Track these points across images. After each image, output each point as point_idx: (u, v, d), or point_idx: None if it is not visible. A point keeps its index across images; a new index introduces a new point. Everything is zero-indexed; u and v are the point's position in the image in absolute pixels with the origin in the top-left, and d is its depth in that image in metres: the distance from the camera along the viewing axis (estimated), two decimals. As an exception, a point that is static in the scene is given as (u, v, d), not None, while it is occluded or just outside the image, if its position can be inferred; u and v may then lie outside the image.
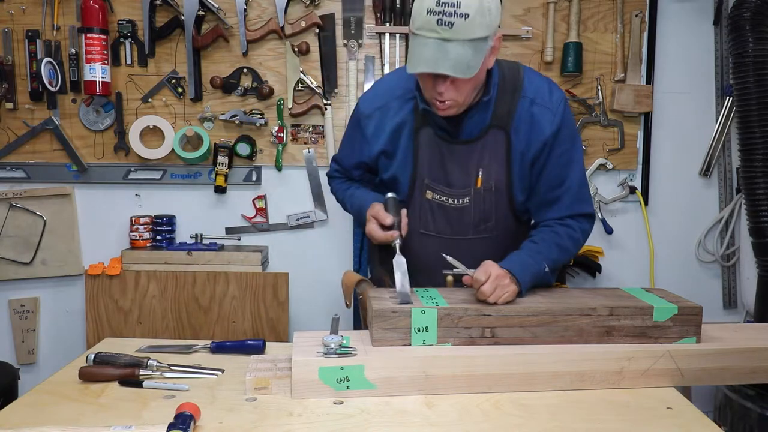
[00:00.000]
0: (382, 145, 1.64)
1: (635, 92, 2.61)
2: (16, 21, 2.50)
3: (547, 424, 1.18)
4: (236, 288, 2.52)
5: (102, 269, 2.53)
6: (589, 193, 1.66)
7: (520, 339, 1.36)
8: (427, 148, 1.60)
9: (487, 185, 1.59)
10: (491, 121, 1.55)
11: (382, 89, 1.69)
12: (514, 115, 1.54)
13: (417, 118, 1.60)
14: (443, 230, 1.65)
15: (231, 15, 2.52)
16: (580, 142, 1.67)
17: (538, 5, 2.58)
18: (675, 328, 1.39)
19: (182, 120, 2.60)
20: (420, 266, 1.64)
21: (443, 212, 1.64)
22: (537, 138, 1.55)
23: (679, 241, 2.78)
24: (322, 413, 1.20)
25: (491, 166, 1.58)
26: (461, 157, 1.59)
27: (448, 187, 1.61)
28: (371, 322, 1.35)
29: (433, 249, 1.63)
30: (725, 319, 2.77)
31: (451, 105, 1.46)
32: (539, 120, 1.54)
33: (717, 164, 2.74)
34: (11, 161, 2.59)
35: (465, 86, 1.43)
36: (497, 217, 1.63)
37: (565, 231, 1.59)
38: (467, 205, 1.61)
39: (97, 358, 1.40)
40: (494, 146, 1.57)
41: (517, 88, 1.55)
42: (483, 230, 1.64)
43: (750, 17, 2.32)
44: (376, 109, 1.65)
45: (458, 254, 1.52)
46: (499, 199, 1.61)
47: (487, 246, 1.64)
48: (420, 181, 1.63)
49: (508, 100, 1.55)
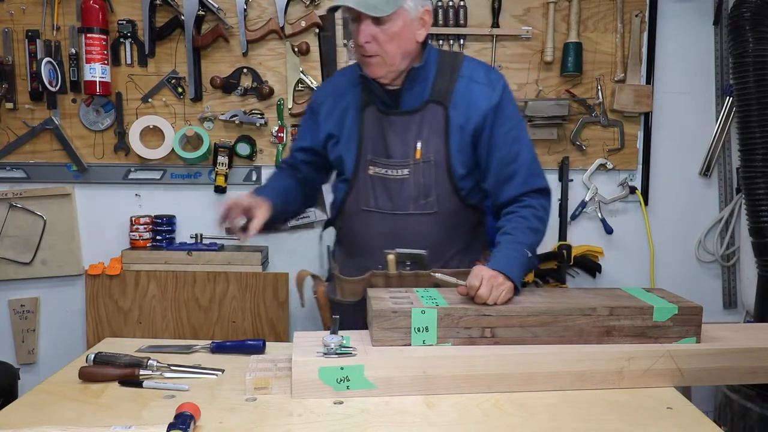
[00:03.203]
0: (329, 128, 1.72)
1: (635, 92, 2.61)
2: (16, 21, 2.50)
3: (547, 424, 1.18)
4: (236, 288, 2.52)
5: (102, 269, 2.53)
6: (541, 168, 1.70)
7: (520, 339, 1.36)
8: (370, 124, 1.67)
9: (426, 157, 1.63)
10: (430, 95, 1.63)
11: (334, 79, 1.84)
12: (453, 91, 1.62)
13: (363, 98, 1.68)
14: (384, 206, 1.67)
15: (231, 15, 2.52)
16: (524, 123, 1.77)
17: (538, 5, 2.58)
18: (675, 328, 1.39)
19: (182, 120, 2.60)
20: (361, 245, 1.72)
21: (384, 186, 1.67)
22: (475, 111, 1.61)
23: (679, 241, 2.78)
24: (322, 413, 1.20)
25: (430, 139, 1.63)
26: (401, 128, 1.65)
27: (388, 158, 1.65)
28: (371, 322, 1.35)
29: (374, 226, 1.69)
30: (725, 319, 2.77)
31: (376, 62, 1.55)
32: (477, 95, 1.62)
33: (717, 164, 2.74)
34: (11, 161, 2.59)
35: (390, 41, 1.52)
36: (438, 193, 1.65)
37: (531, 212, 1.61)
38: (407, 178, 1.64)
39: (97, 358, 1.40)
40: (433, 120, 1.63)
41: (455, 69, 1.65)
42: (424, 205, 1.66)
43: (750, 17, 2.31)
44: (327, 95, 1.76)
45: (399, 231, 1.64)
46: (438, 174, 1.64)
47: (429, 224, 1.66)
48: (364, 158, 1.68)
49: (447, 78, 1.64)
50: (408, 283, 1.64)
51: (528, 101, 2.56)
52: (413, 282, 1.64)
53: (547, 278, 2.66)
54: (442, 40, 2.56)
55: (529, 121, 2.60)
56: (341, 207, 1.74)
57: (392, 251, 1.65)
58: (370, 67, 1.57)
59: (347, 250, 1.80)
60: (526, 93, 2.62)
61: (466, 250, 1.75)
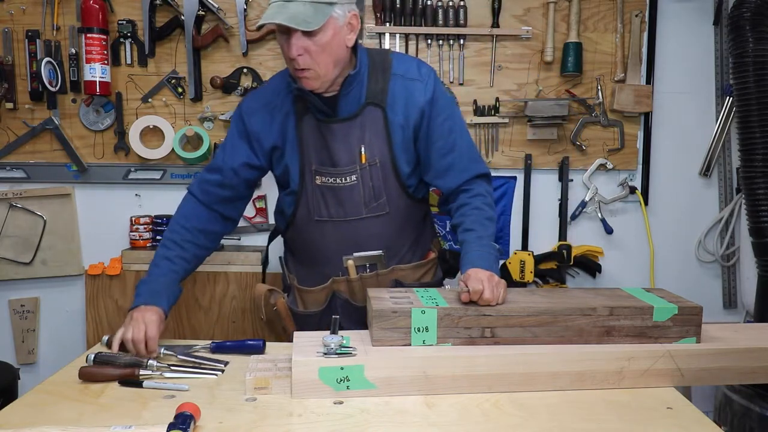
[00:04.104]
0: (273, 140, 1.67)
1: (635, 92, 2.61)
2: (16, 21, 2.50)
3: (547, 424, 1.18)
4: (236, 288, 2.52)
5: (102, 269, 2.53)
6: (479, 154, 1.75)
7: (520, 339, 1.36)
8: (310, 134, 1.64)
9: (371, 161, 1.64)
10: (366, 98, 1.62)
11: (264, 89, 1.74)
12: (388, 92, 1.62)
13: (298, 108, 1.65)
14: (336, 213, 1.67)
15: (231, 15, 2.52)
16: (458, 109, 1.77)
17: (538, 5, 2.58)
18: (675, 328, 1.39)
19: (182, 120, 2.60)
20: (318, 254, 1.71)
21: (334, 195, 1.66)
22: (413, 109, 1.62)
23: (679, 241, 2.78)
24: (322, 413, 1.20)
25: (373, 142, 1.63)
26: (342, 135, 1.63)
27: (334, 166, 1.64)
28: (371, 322, 1.35)
29: (330, 235, 1.69)
30: (725, 319, 2.77)
31: (310, 75, 1.51)
32: (412, 92, 1.62)
33: (717, 164, 2.74)
34: (11, 161, 2.59)
35: (321, 52, 1.48)
36: (388, 194, 1.66)
37: (482, 201, 1.64)
38: (355, 183, 1.64)
39: (97, 358, 1.40)
40: (372, 123, 1.63)
41: (387, 68, 1.63)
42: (376, 208, 1.67)
43: (750, 17, 2.31)
44: (261, 106, 1.68)
45: (355, 236, 1.65)
46: (386, 174, 1.65)
47: (382, 225, 1.68)
48: (308, 168, 1.66)
49: (380, 78, 1.62)
50: (370, 284, 1.67)
51: (528, 101, 2.56)
52: (375, 283, 1.68)
53: (547, 278, 2.66)
54: (442, 40, 2.56)
55: (529, 121, 2.60)
56: (291, 219, 1.73)
57: (350, 257, 1.67)
58: (304, 81, 1.52)
59: (302, 260, 1.80)
60: (526, 93, 2.62)
61: (417, 243, 1.79)
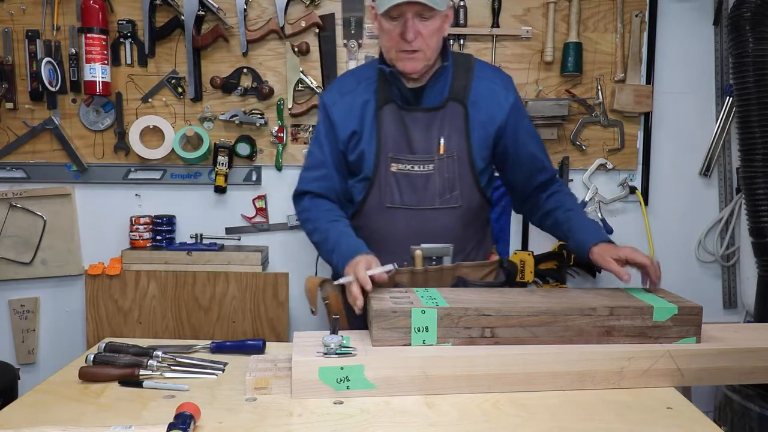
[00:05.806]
0: (352, 126, 1.70)
1: (635, 92, 2.61)
2: (16, 21, 2.50)
3: (547, 424, 1.18)
4: (236, 288, 2.52)
5: (102, 269, 2.53)
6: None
7: (520, 339, 1.36)
8: (390, 123, 1.68)
9: (449, 153, 1.67)
10: (449, 93, 1.67)
11: (342, 81, 1.80)
12: (470, 90, 1.68)
13: (379, 96, 1.69)
14: (409, 201, 1.68)
15: (231, 15, 2.52)
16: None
17: (538, 5, 2.58)
18: (675, 328, 1.39)
19: (182, 120, 2.60)
20: (384, 243, 1.69)
21: (409, 182, 1.68)
22: (498, 110, 1.68)
23: (679, 241, 2.78)
24: (322, 413, 1.20)
25: (452, 136, 1.67)
26: (424, 125, 1.67)
27: (413, 154, 1.67)
28: (371, 322, 1.35)
29: (399, 222, 1.69)
30: (725, 319, 2.77)
31: (419, 57, 1.57)
32: (497, 94, 1.69)
33: (717, 164, 2.74)
34: (11, 161, 2.59)
35: (432, 36, 1.56)
36: (462, 187, 1.69)
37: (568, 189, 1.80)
38: (432, 173, 1.67)
39: (97, 358, 1.40)
40: (453, 118, 1.67)
41: (470, 69, 1.70)
42: (449, 200, 1.69)
43: (750, 17, 2.32)
44: (340, 96, 1.73)
45: (425, 226, 1.66)
46: (461, 169, 1.68)
47: (453, 218, 1.70)
48: (384, 155, 1.68)
49: (463, 77, 1.68)
50: (433, 278, 1.66)
51: (528, 101, 2.56)
52: (438, 277, 1.67)
53: (547, 278, 2.66)
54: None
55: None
56: (360, 206, 1.74)
57: (418, 247, 1.66)
58: (411, 62, 1.58)
59: None
60: (526, 93, 2.62)
61: (481, 243, 1.81)
